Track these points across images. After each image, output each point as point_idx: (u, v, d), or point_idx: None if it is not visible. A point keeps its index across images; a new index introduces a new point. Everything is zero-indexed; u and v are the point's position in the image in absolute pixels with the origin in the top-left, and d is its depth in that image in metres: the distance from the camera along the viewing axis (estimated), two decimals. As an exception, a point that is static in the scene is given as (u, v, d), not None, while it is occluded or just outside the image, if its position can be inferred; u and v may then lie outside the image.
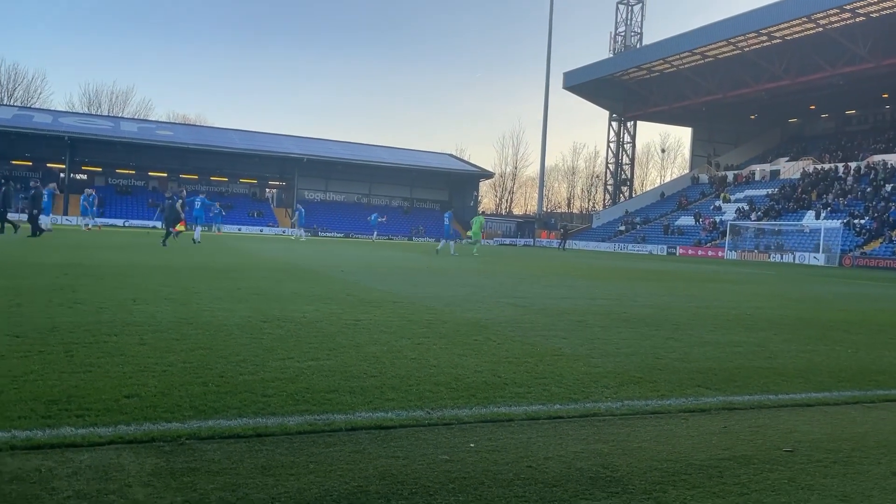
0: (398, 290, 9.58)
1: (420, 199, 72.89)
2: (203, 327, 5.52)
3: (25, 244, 16.86)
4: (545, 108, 65.47)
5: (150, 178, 63.39)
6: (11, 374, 3.68)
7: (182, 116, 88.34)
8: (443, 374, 4.30)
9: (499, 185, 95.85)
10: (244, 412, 3.27)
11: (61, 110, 69.46)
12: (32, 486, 2.32)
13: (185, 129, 70.49)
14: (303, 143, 67.02)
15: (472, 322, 6.72)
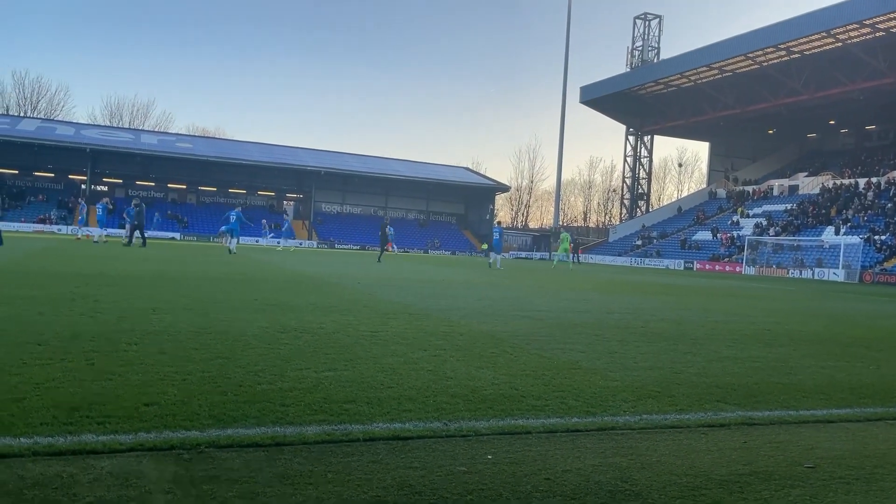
0: (414, 302, 9.59)
1: (436, 213, 73.05)
2: (221, 337, 5.55)
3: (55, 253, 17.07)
4: (562, 122, 65.49)
5: (170, 189, 64.04)
6: (34, 382, 3.72)
7: (201, 129, 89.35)
8: (459, 386, 4.30)
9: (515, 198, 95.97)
10: (263, 421, 3.29)
11: (83, 122, 70.48)
12: (54, 491, 2.35)
13: (205, 141, 71.24)
14: (320, 156, 67.49)
15: (489, 334, 6.71)
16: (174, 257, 19.84)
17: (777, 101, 53.82)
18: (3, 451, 2.67)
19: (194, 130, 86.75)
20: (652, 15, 66.98)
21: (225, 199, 63.92)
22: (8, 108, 76.29)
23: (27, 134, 56.04)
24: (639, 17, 67.33)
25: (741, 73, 54.71)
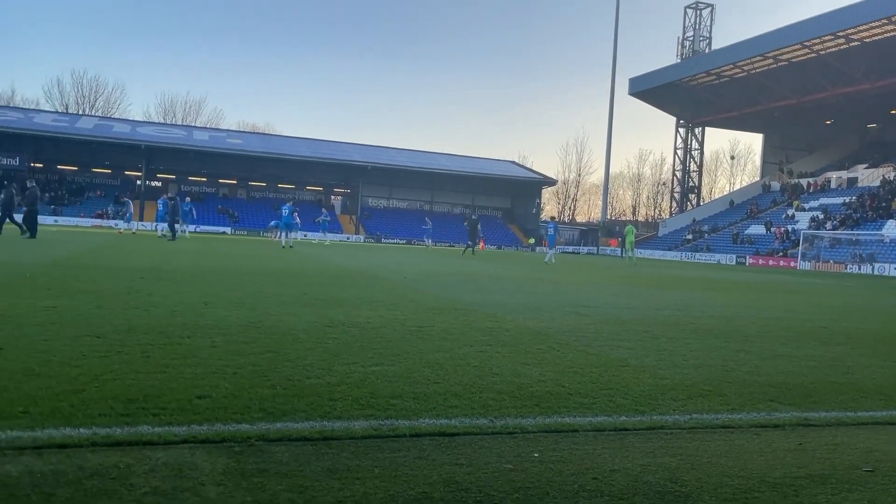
0: (460, 297, 9.60)
1: (482, 207, 72.88)
2: (270, 331, 5.65)
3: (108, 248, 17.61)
4: (610, 114, 64.63)
5: (221, 185, 65.35)
6: (93, 373, 3.84)
7: (251, 125, 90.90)
8: (506, 383, 4.29)
9: (562, 192, 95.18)
10: (311, 415, 3.33)
11: (138, 120, 72.46)
12: (112, 481, 2.42)
13: (255, 137, 72.49)
14: (367, 151, 68.03)
15: (535, 330, 6.67)
16: (225, 252, 20.26)
17: (835, 90, 52.09)
18: (64, 441, 2.77)
19: (244, 127, 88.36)
20: (703, 3, 65.53)
21: (274, 195, 64.94)
22: (67, 106, 78.91)
23: (86, 132, 57.84)
24: (690, 6, 65.93)
25: (797, 62, 53.10)
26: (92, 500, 2.25)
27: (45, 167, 59.48)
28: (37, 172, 57.87)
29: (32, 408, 3.15)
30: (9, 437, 2.77)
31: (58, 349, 4.42)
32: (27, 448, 2.68)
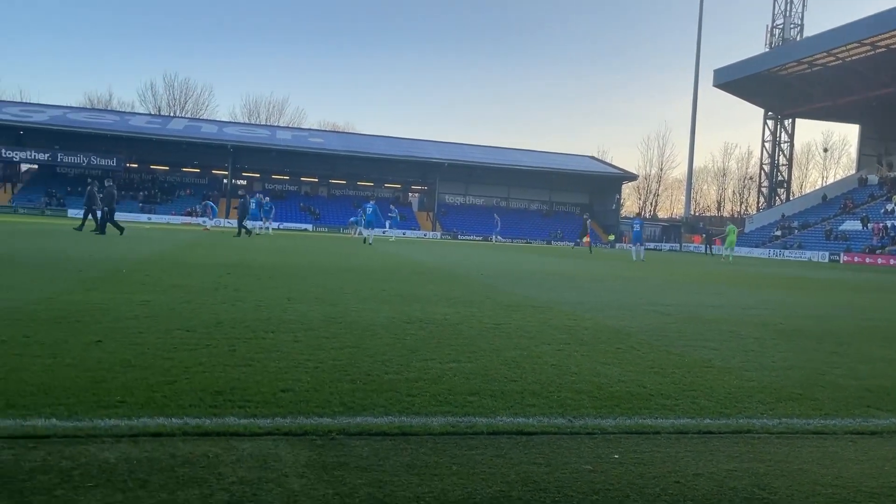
0: (537, 295, 9.53)
1: (559, 203, 72.16)
2: (350, 326, 5.76)
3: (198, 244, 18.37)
4: (693, 107, 62.74)
5: (303, 183, 67.07)
6: (183, 366, 4.02)
7: (332, 124, 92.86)
8: (584, 382, 4.23)
9: (643, 187, 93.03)
10: (390, 410, 3.38)
11: (225, 120, 75.17)
12: (202, 470, 2.52)
13: (335, 136, 74.03)
14: (444, 148, 68.38)
15: (615, 329, 6.55)
16: (306, 249, 20.78)
17: (939, 77, 48.85)
18: (158, 430, 2.90)
19: (325, 126, 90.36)
20: (794, -11, 62.60)
21: (354, 192, 66.18)
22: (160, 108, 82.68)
23: (176, 133, 60.46)
24: (779, -8, 63.13)
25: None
26: (183, 487, 2.35)
27: (139, 167, 62.52)
28: (131, 172, 60.95)
29: (129, 397, 3.32)
30: (107, 425, 2.92)
31: (151, 342, 4.64)
32: (124, 436, 2.82)
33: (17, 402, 3.13)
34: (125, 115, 69.19)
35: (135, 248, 15.55)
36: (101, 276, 8.57)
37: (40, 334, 4.64)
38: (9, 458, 2.52)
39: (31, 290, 6.80)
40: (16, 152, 55.99)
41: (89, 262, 10.53)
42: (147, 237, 21.92)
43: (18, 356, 3.99)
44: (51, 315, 5.43)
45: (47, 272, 8.76)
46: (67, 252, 12.58)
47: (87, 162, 57.19)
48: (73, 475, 2.40)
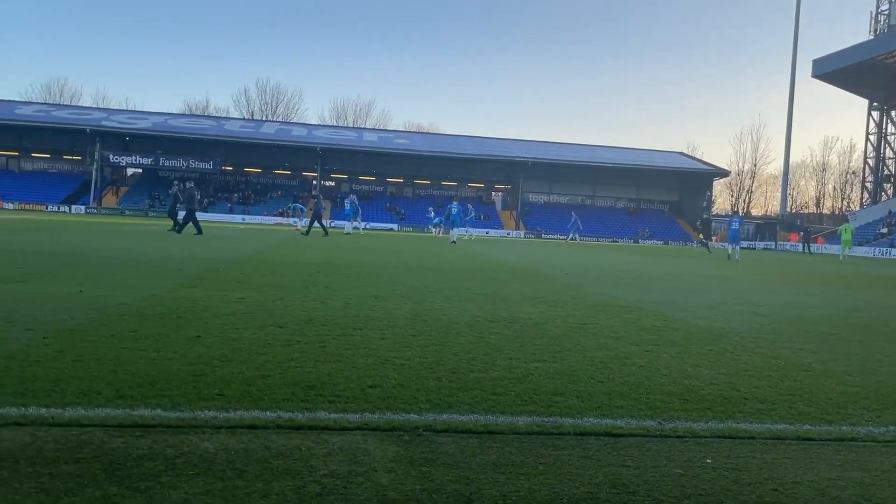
0: (625, 294, 9.34)
1: (647, 200, 70.43)
2: (436, 324, 5.82)
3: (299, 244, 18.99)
4: (790, 99, 59.86)
5: (389, 183, 68.15)
6: (276, 361, 4.16)
7: (416, 125, 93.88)
8: (674, 384, 4.12)
9: (735, 183, 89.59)
10: (475, 408, 3.39)
11: (314, 123, 77.26)
12: (294, 462, 2.61)
13: (420, 136, 74.84)
14: (527, 147, 67.97)
15: (706, 330, 6.34)
16: (392, 247, 21.10)
17: None
18: (253, 422, 3.02)
19: (410, 127, 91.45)
20: (902, -29, 58.79)
21: (438, 192, 66.70)
22: (253, 113, 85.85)
23: (268, 136, 62.62)
24: (885, -25, 59.44)
25: None
26: (278, 478, 2.44)
27: (234, 170, 65.09)
28: (227, 175, 63.52)
29: (226, 390, 3.47)
30: (207, 416, 3.07)
31: (247, 337, 4.83)
32: (222, 427, 2.95)
33: (126, 393, 3.32)
34: (221, 120, 72.26)
35: (230, 247, 16.21)
36: (199, 275, 8.98)
37: (146, 329, 4.92)
38: (119, 445, 2.68)
39: (137, 288, 7.20)
40: (122, 157, 59.38)
41: (189, 262, 11.05)
42: (241, 237, 22.81)
43: (127, 350, 4.24)
44: (155, 311, 5.74)
45: (151, 271, 9.25)
46: (169, 252, 13.25)
47: (186, 165, 60.04)
48: (177, 463, 2.53)
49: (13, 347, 4.14)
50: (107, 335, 4.63)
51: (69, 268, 9.02)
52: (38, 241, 14.53)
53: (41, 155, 62.63)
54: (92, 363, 3.85)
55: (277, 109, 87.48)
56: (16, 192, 55.86)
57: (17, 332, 4.61)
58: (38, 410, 3.00)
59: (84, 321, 5.12)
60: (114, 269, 9.12)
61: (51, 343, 4.31)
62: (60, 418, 2.92)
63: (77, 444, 2.67)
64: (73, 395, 3.25)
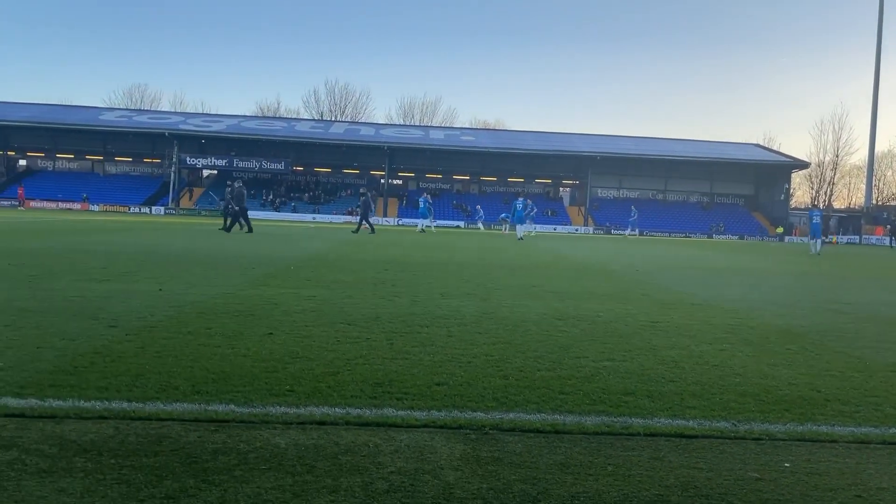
0: (697, 292, 9.09)
1: (721, 194, 68.28)
2: (502, 322, 5.80)
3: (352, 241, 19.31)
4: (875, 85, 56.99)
5: (455, 181, 68.32)
6: (346, 357, 4.23)
7: (483, 122, 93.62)
8: (750, 385, 3.98)
9: (815, 175, 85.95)
10: (542, 408, 3.37)
11: (381, 123, 78.12)
12: (363, 458, 2.64)
13: (486, 133, 74.65)
14: (595, 141, 66.91)
15: (783, 329, 6.11)
16: (458, 245, 21.14)
17: None
18: (323, 418, 3.08)
19: (476, 123, 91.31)
20: None
21: (504, 188, 66.44)
22: (322, 114, 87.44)
23: (337, 136, 63.70)
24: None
25: None
26: (346, 474, 2.48)
27: (304, 170, 66.50)
28: (297, 175, 64.98)
29: (297, 387, 3.54)
30: (278, 412, 3.14)
31: (317, 334, 4.93)
32: (293, 423, 3.02)
33: (202, 389, 3.44)
34: (291, 121, 73.87)
35: (301, 246, 16.57)
36: (272, 273, 9.21)
37: (220, 326, 5.08)
38: (194, 439, 2.77)
39: (213, 286, 7.44)
40: (198, 159, 61.42)
41: (261, 260, 11.35)
42: (312, 235, 23.27)
43: (203, 346, 4.39)
44: (229, 309, 5.92)
45: (225, 269, 9.55)
46: (242, 250, 13.65)
47: (258, 166, 61.67)
48: (249, 458, 2.60)
49: (98, 344, 4.34)
50: (184, 332, 4.81)
51: (149, 267, 9.40)
52: (121, 241, 15.20)
53: (123, 158, 65.47)
54: (170, 359, 4.00)
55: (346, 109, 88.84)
56: (101, 194, 58.55)
57: (102, 328, 4.84)
58: (120, 404, 3.14)
59: (163, 318, 5.32)
60: (191, 268, 9.45)
61: (133, 339, 4.50)
62: (141, 412, 3.05)
63: (156, 437, 2.77)
64: (153, 389, 3.39)
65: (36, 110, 63.12)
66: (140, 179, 63.79)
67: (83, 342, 4.36)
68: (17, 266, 8.69)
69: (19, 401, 3.13)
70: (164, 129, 59.63)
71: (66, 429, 2.83)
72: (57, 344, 4.28)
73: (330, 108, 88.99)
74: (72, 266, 9.02)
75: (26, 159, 65.14)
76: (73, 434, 2.77)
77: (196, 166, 62.78)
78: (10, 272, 8.00)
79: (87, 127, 60.35)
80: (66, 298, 6.13)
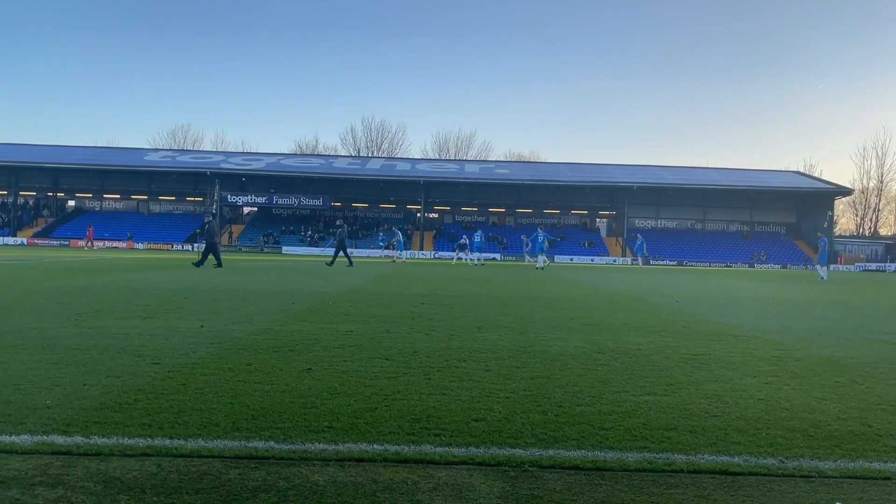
0: (739, 323, 8.90)
1: (762, 223, 67.16)
2: (540, 356, 5.75)
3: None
4: (918, 110, 55.78)
5: (490, 213, 68.45)
6: (383, 393, 4.24)
7: (517, 154, 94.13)
8: (797, 419, 3.87)
9: (859, 202, 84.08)
10: (583, 444, 3.32)
11: (417, 157, 78.94)
12: (401, 496, 2.63)
13: (520, 166, 74.87)
14: (631, 171, 66.59)
15: (831, 360, 5.94)
16: (494, 277, 21.09)
17: None
18: (361, 455, 3.08)
19: (511, 156, 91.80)
20: None
21: (540, 220, 66.31)
22: (359, 150, 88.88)
23: (374, 172, 64.51)
24: None
25: None
26: (384, 511, 2.47)
27: (342, 205, 67.36)
28: (335, 210, 65.79)
29: (335, 423, 3.55)
30: (317, 449, 3.15)
31: (355, 370, 4.95)
32: (331, 460, 3.02)
33: (242, 425, 3.47)
34: (329, 157, 75.08)
35: (340, 280, 16.71)
36: (310, 308, 9.30)
37: (260, 362, 5.13)
38: (235, 476, 2.79)
39: (253, 322, 7.54)
40: (239, 197, 62.75)
41: (300, 295, 11.47)
42: (350, 270, 23.46)
43: (243, 382, 4.44)
44: (269, 344, 5.99)
45: (265, 305, 9.67)
46: (281, 286, 13.82)
47: (297, 203, 62.69)
48: (289, 495, 2.61)
49: (142, 381, 4.42)
50: (225, 368, 4.87)
51: (191, 303, 9.57)
52: (165, 278, 15.52)
53: (167, 197, 67.23)
54: (211, 396, 4.05)
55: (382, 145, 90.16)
56: (145, 233, 60.05)
57: (145, 365, 4.93)
58: (163, 441, 3.19)
59: (204, 355, 5.40)
60: (231, 304, 9.60)
61: (175, 376, 4.57)
62: (183, 449, 3.09)
63: (197, 474, 2.80)
64: (195, 426, 3.43)
65: (85, 153, 65.39)
66: (183, 218, 65.28)
67: (127, 379, 4.45)
68: (65, 304, 8.92)
69: (65, 438, 3.20)
70: (205, 168, 61.10)
71: (111, 466, 2.88)
72: (102, 381, 4.37)
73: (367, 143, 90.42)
74: (117, 303, 9.24)
75: (75, 200, 67.27)
76: (118, 471, 2.81)
77: (237, 204, 64.09)
78: (59, 310, 8.22)
79: (132, 168, 62.22)
80: (112, 336, 6.27)
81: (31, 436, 3.21)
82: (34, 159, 60.99)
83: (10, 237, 57.30)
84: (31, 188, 65.24)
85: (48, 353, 5.29)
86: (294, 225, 64.67)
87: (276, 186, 63.08)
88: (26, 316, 7.59)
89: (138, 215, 66.18)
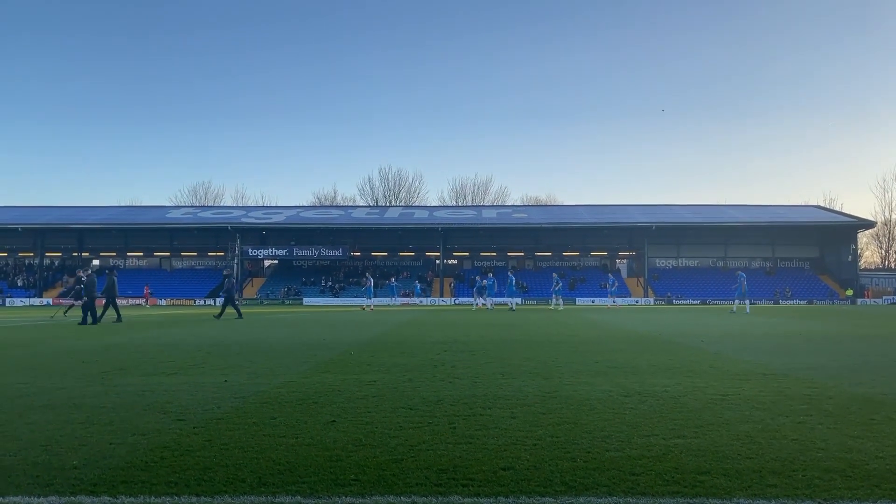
0: (768, 361, 8.75)
1: (784, 258, 66.45)
2: (566, 401, 5.68)
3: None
4: (937, 140, 55.40)
5: (509, 257, 68.44)
6: (409, 444, 4.19)
7: (534, 198, 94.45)
8: (833, 459, 3.77)
9: (883, 234, 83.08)
10: (613, 490, 3.25)
11: (434, 205, 79.58)
12: (430, 548, 2.58)
13: (538, 209, 75.10)
14: (650, 211, 66.48)
15: (866, 398, 5.80)
16: (515, 321, 20.97)
17: None
18: (388, 507, 3.04)
19: (528, 200, 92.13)
20: None
21: (559, 263, 66.16)
22: (377, 199, 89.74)
23: (392, 221, 65.03)
24: None
25: None
26: (414, 566, 2.43)
27: (361, 255, 67.77)
28: (355, 260, 66.18)
29: (361, 475, 3.52)
30: (344, 502, 3.12)
31: (379, 420, 4.91)
32: (359, 513, 2.99)
33: (268, 480, 3.45)
34: (348, 208, 75.95)
35: (361, 330, 16.71)
36: (333, 359, 9.29)
37: (284, 416, 5.12)
38: (263, 532, 2.77)
39: (276, 375, 7.54)
40: (260, 250, 63.40)
41: (322, 346, 11.47)
42: (370, 321, 23.47)
43: (267, 437, 4.42)
44: (292, 397, 5.97)
45: (287, 357, 9.68)
46: (302, 338, 13.83)
47: (317, 254, 63.18)
48: (317, 550, 2.57)
49: (167, 438, 4.42)
50: (249, 423, 4.86)
51: (215, 358, 9.60)
52: (188, 333, 15.61)
53: (189, 253, 68.11)
54: (236, 451, 4.04)
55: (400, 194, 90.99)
56: (168, 289, 60.67)
57: (170, 422, 4.93)
58: (189, 499, 3.17)
59: (229, 410, 5.40)
60: (253, 358, 9.62)
61: (200, 432, 4.57)
62: (209, 506, 3.07)
63: (225, 531, 2.78)
64: (221, 482, 3.41)
65: (108, 213, 66.71)
66: (204, 273, 65.95)
67: (153, 437, 4.45)
68: (91, 363, 8.99)
69: (93, 499, 3.19)
70: (226, 223, 61.97)
71: (138, 525, 2.86)
72: (128, 440, 4.38)
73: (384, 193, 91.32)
74: (142, 360, 9.29)
75: (99, 259, 68.34)
76: (145, 530, 2.80)
77: (258, 257, 64.69)
78: (85, 369, 8.28)
79: (154, 225, 63.28)
80: (137, 393, 6.30)
81: (58, 497, 3.21)
82: (59, 221, 62.26)
83: (35, 297, 58.11)
84: (57, 248, 66.43)
85: (75, 413, 5.31)
86: (315, 276, 65.04)
87: (296, 238, 63.74)
88: (53, 376, 7.66)
89: (160, 272, 66.99)
